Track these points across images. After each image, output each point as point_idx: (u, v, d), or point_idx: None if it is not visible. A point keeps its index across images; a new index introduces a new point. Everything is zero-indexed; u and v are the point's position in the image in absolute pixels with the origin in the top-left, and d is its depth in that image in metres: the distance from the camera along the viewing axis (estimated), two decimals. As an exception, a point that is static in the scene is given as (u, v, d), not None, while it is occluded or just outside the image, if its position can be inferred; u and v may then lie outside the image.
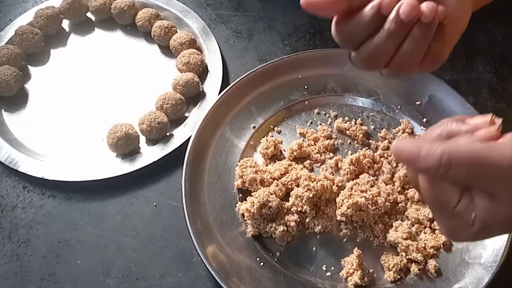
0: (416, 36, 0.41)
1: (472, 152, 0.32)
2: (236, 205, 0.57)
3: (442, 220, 0.36)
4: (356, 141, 0.61)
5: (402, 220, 0.54)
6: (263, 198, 0.53)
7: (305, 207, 0.54)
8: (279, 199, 0.54)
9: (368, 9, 0.40)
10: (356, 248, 0.52)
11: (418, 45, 0.41)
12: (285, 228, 0.54)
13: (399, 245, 0.52)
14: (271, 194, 0.54)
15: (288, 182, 0.56)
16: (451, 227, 0.35)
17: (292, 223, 0.54)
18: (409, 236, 0.52)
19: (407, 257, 0.52)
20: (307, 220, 0.55)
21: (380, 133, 0.62)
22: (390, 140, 0.61)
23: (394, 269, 0.51)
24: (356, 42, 0.43)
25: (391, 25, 0.40)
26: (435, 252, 0.53)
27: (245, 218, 0.55)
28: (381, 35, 0.41)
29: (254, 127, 0.63)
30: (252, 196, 0.55)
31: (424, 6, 0.39)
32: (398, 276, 0.51)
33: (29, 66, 0.72)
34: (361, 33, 0.42)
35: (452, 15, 0.41)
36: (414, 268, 0.51)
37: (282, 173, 0.57)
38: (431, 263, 0.51)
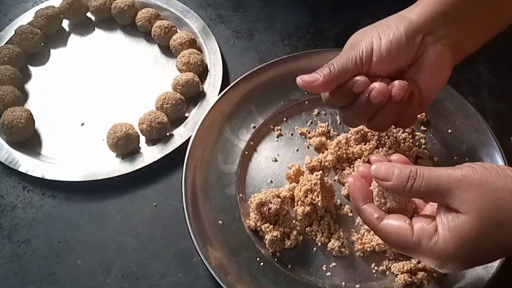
0: (388, 109, 0.49)
1: (432, 170, 0.39)
2: (237, 204, 0.57)
3: (417, 256, 0.41)
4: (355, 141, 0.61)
5: None
6: (266, 196, 0.53)
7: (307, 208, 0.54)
8: (283, 206, 0.54)
9: (345, 87, 0.48)
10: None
11: (389, 115, 0.49)
12: (279, 235, 0.53)
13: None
14: (277, 196, 0.54)
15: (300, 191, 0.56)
16: (426, 259, 0.40)
17: (293, 235, 0.53)
18: None
19: (419, 265, 0.52)
20: (307, 229, 0.55)
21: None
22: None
23: (406, 273, 0.51)
24: (338, 106, 0.51)
25: (362, 103, 0.48)
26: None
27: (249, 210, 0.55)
28: (356, 107, 0.49)
29: (254, 127, 0.63)
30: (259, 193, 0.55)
31: (395, 85, 0.47)
32: (410, 279, 0.51)
33: (29, 66, 0.72)
34: (341, 101, 0.50)
35: (431, 78, 0.49)
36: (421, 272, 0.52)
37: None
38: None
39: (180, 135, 0.63)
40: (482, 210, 0.36)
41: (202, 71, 0.69)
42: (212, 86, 0.67)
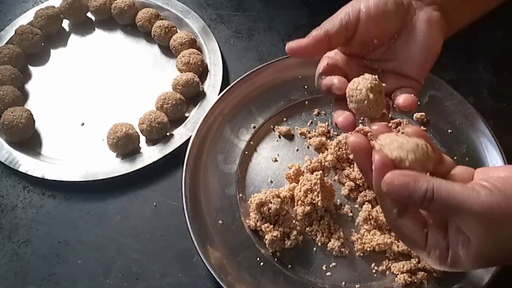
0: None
1: (450, 193, 0.36)
2: (237, 204, 0.57)
3: (422, 256, 0.41)
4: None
5: None
6: (266, 197, 0.53)
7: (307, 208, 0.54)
8: (283, 206, 0.54)
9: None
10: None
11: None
12: (279, 235, 0.53)
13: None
14: (277, 196, 0.54)
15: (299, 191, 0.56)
16: (430, 260, 0.40)
17: (293, 235, 0.53)
18: None
19: (419, 265, 0.52)
20: (307, 229, 0.55)
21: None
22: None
23: (406, 273, 0.51)
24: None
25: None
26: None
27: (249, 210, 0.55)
28: None
29: (254, 127, 0.63)
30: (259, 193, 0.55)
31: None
32: (410, 279, 0.51)
33: (29, 66, 0.72)
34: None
35: (423, 44, 0.46)
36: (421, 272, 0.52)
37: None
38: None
39: (180, 135, 0.63)
40: (494, 242, 0.36)
41: (202, 71, 0.69)
42: (212, 86, 0.67)
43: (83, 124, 0.66)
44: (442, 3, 0.48)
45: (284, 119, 0.64)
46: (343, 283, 0.52)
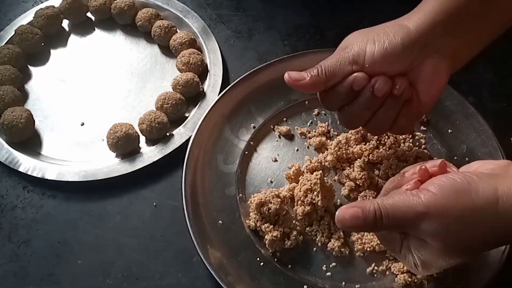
0: (387, 107, 0.48)
1: (392, 205, 0.39)
2: (237, 204, 0.57)
3: (400, 260, 0.45)
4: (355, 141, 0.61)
5: None
6: (265, 197, 0.53)
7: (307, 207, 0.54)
8: (283, 206, 0.54)
9: (343, 85, 0.47)
10: None
11: (388, 113, 0.49)
12: (279, 235, 0.53)
13: None
14: (276, 196, 0.54)
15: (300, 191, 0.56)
16: (407, 264, 0.43)
17: (293, 235, 0.53)
18: None
19: None
20: (307, 229, 0.55)
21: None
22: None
23: (406, 273, 0.51)
24: (336, 107, 0.50)
25: (364, 98, 0.47)
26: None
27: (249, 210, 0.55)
28: (356, 105, 0.48)
29: (254, 127, 0.63)
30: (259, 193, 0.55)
31: (396, 78, 0.47)
32: (410, 279, 0.51)
33: (29, 66, 0.72)
34: (340, 101, 0.49)
35: (427, 87, 0.48)
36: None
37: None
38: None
39: (180, 135, 0.63)
40: (448, 239, 0.39)
41: (202, 71, 0.69)
42: (212, 86, 0.67)
43: (83, 124, 0.66)
44: (451, 45, 0.48)
45: (284, 119, 0.64)
46: (343, 283, 0.52)
